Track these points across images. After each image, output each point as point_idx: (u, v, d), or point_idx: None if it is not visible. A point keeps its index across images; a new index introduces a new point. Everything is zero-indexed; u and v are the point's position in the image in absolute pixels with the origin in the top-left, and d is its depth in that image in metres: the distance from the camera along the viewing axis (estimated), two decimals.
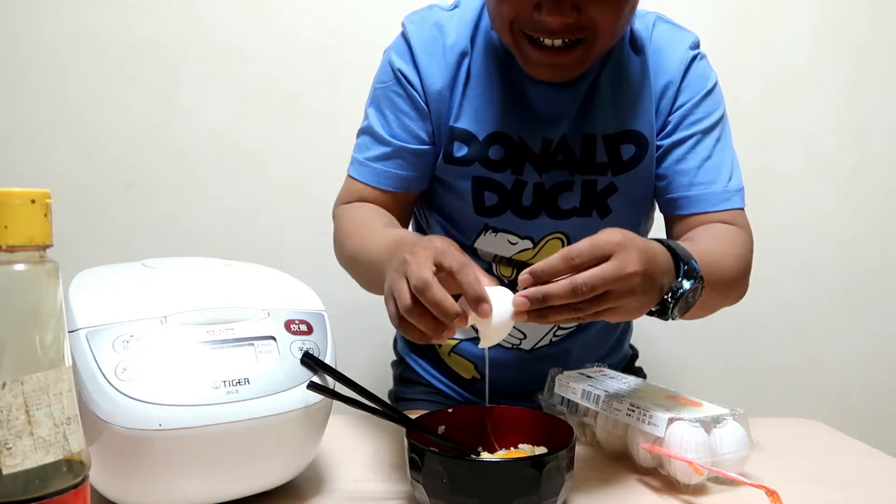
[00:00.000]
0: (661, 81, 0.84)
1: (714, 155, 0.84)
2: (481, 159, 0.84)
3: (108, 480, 0.55)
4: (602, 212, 0.86)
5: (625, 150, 0.83)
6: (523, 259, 0.89)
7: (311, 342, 0.60)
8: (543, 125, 0.83)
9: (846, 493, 0.64)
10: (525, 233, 0.87)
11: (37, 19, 1.39)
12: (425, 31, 0.85)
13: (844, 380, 1.52)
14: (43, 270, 0.38)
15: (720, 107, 0.86)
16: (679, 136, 0.84)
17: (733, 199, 0.83)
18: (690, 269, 0.65)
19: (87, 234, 1.39)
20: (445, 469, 0.54)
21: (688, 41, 0.86)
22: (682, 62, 0.84)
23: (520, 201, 0.86)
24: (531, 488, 0.53)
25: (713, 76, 0.86)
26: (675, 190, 0.84)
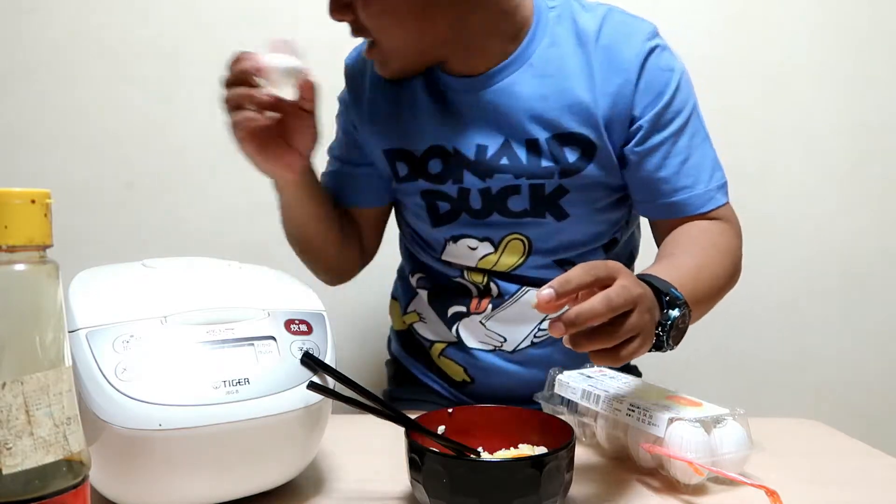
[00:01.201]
0: (615, 80, 0.80)
1: (692, 155, 0.81)
2: (423, 174, 0.87)
3: (108, 480, 0.55)
4: (557, 214, 0.85)
5: (569, 154, 0.82)
6: (488, 266, 0.89)
7: (311, 342, 0.60)
8: (474, 131, 0.83)
9: (846, 493, 0.64)
10: (483, 234, 0.88)
11: (37, 19, 1.39)
12: (353, 65, 0.93)
13: (844, 379, 1.52)
14: (43, 270, 0.38)
15: (689, 100, 0.83)
16: (653, 142, 0.81)
17: (716, 197, 0.82)
18: (672, 299, 0.64)
19: (87, 234, 1.39)
20: (445, 469, 0.54)
21: (643, 33, 0.81)
22: (638, 57, 0.79)
23: (469, 206, 0.87)
24: (531, 488, 0.53)
25: (676, 66, 0.82)
26: (658, 197, 0.83)
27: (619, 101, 0.80)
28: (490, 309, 0.91)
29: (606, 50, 0.80)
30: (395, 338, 1.09)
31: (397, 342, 1.07)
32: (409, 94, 0.87)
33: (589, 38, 0.80)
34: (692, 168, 0.81)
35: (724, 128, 1.43)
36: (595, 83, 0.80)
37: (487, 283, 0.90)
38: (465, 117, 0.84)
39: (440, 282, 0.94)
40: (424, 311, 0.98)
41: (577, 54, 0.81)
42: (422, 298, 0.97)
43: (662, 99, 0.80)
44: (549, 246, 0.87)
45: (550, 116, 0.81)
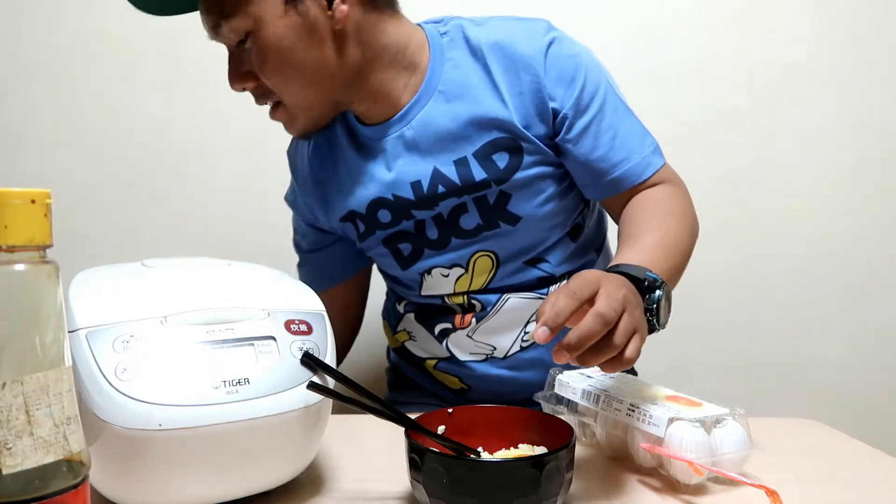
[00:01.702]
0: (523, 79, 0.82)
1: (619, 128, 0.84)
2: (377, 227, 0.90)
3: (108, 480, 0.55)
4: (509, 220, 0.87)
5: (498, 160, 0.84)
6: (463, 288, 0.91)
7: (311, 342, 0.60)
8: (403, 173, 0.86)
9: (846, 493, 0.64)
10: (450, 262, 0.90)
11: (37, 19, 1.39)
12: (291, 152, 1.00)
13: (844, 379, 1.52)
14: (43, 270, 0.38)
15: (601, 77, 0.85)
16: (579, 127, 0.83)
17: (653, 162, 0.84)
18: (651, 282, 0.66)
19: (87, 234, 1.39)
20: (445, 469, 0.54)
21: (538, 30, 0.84)
22: (539, 52, 0.82)
23: (427, 237, 0.89)
24: (531, 488, 0.53)
25: (580, 50, 0.84)
26: (600, 177, 0.85)
27: (533, 98, 0.82)
28: (474, 322, 0.92)
29: (503, 54, 0.82)
30: (391, 351, 1.10)
31: (395, 352, 1.08)
32: (339, 158, 0.90)
33: (484, 51, 0.83)
34: (623, 141, 0.84)
35: (725, 128, 1.44)
36: (501, 89, 0.82)
37: (468, 301, 0.92)
38: (392, 163, 0.87)
39: (424, 307, 0.97)
40: (414, 330, 0.99)
41: (476, 68, 0.84)
42: (409, 319, 0.99)
43: (576, 84, 0.82)
44: (515, 251, 0.89)
45: (469, 133, 0.84)
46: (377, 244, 0.93)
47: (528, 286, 0.91)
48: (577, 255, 0.93)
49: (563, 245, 0.91)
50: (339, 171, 0.91)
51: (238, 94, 1.41)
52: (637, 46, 1.42)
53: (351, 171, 0.90)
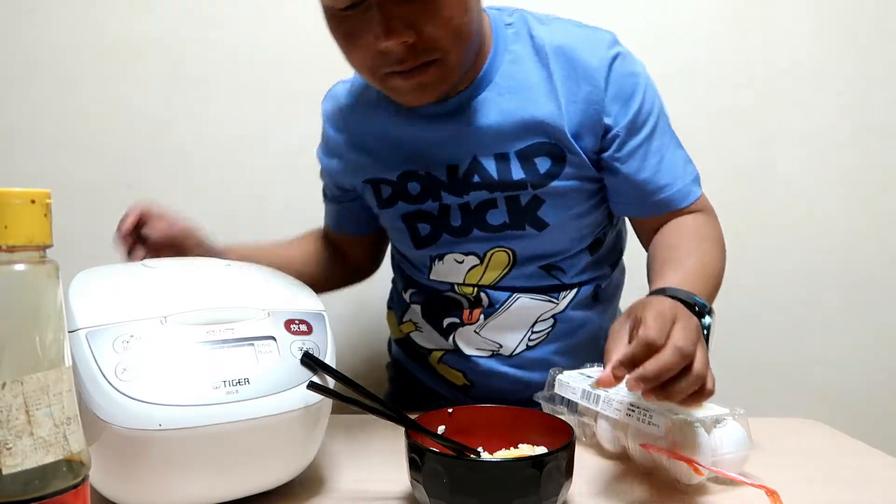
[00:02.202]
0: (582, 89, 0.81)
1: (666, 153, 0.84)
2: (403, 197, 0.89)
3: (108, 480, 0.55)
4: (536, 225, 0.86)
5: (540, 164, 0.83)
6: (475, 280, 0.90)
7: (311, 342, 0.60)
8: (443, 153, 0.85)
9: (846, 493, 0.64)
10: (467, 249, 0.89)
11: (37, 19, 1.39)
12: (330, 108, 0.97)
13: (844, 379, 1.52)
14: (43, 270, 0.38)
15: (656, 99, 0.86)
16: (630, 147, 0.83)
17: (693, 190, 0.85)
18: (700, 308, 0.67)
19: (87, 234, 1.39)
20: (445, 469, 0.54)
21: (604, 41, 0.83)
22: (602, 66, 0.81)
23: (449, 222, 0.88)
24: (531, 488, 0.53)
25: (641, 70, 0.85)
26: (640, 200, 0.85)
27: (588, 109, 0.81)
28: (482, 319, 0.91)
29: (566, 59, 0.81)
30: (394, 343, 1.09)
31: (397, 346, 1.07)
32: (380, 124, 0.89)
33: (547, 52, 0.82)
34: (668, 166, 0.84)
35: (725, 129, 1.44)
36: (558, 94, 0.81)
37: (477, 293, 0.91)
38: (433, 142, 0.85)
39: (432, 296, 0.95)
40: (420, 322, 0.98)
41: (537, 68, 0.82)
42: (416, 311, 0.98)
43: (634, 104, 0.82)
44: (534, 255, 0.89)
45: (517, 131, 0.82)
46: (396, 217, 0.92)
47: (540, 290, 0.90)
48: (591, 267, 0.92)
49: (581, 257, 0.91)
50: (377, 136, 0.89)
51: (238, 93, 1.42)
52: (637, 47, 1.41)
53: (390, 139, 0.88)
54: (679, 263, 0.77)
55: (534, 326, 0.91)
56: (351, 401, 0.59)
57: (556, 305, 0.91)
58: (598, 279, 0.93)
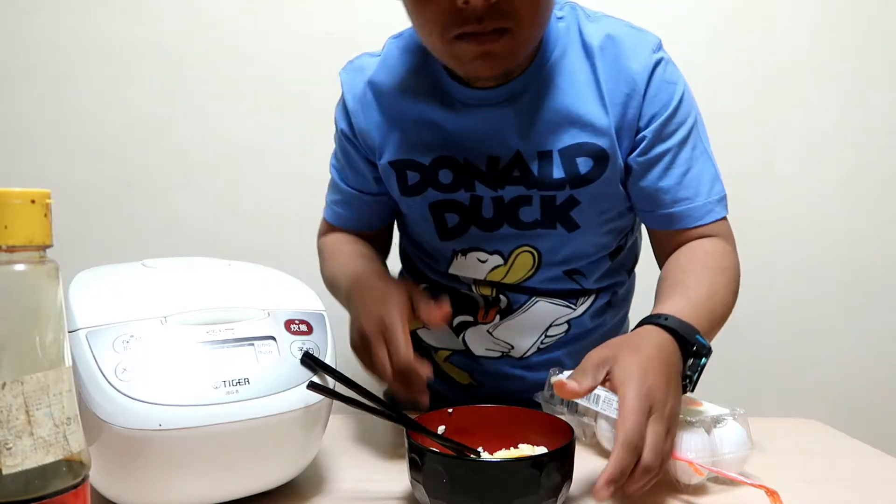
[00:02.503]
0: (623, 91, 0.80)
1: (693, 166, 0.82)
2: (433, 184, 0.85)
3: (108, 480, 0.55)
4: (568, 225, 0.84)
5: (581, 164, 0.81)
6: (497, 278, 0.88)
7: (311, 342, 0.60)
8: (485, 143, 0.82)
9: (846, 493, 0.64)
10: (492, 247, 0.87)
11: (37, 19, 1.39)
12: (355, 82, 0.89)
13: (844, 379, 1.52)
14: (43, 270, 0.38)
15: (692, 111, 0.84)
16: (655, 152, 0.81)
17: (716, 209, 0.82)
18: (699, 347, 0.66)
19: (87, 234, 1.39)
20: (445, 469, 0.54)
21: (649, 45, 0.81)
22: (645, 69, 0.80)
23: (480, 214, 0.86)
24: (531, 488, 0.53)
25: (680, 79, 0.83)
26: (658, 208, 0.83)
27: (627, 112, 0.80)
28: (498, 319, 0.90)
29: (613, 62, 0.80)
30: None
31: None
32: (414, 107, 0.85)
33: (595, 51, 0.80)
34: (693, 180, 0.81)
35: (725, 130, 1.43)
36: (603, 94, 0.80)
37: (496, 295, 0.89)
38: (476, 131, 0.82)
39: (445, 293, 0.92)
40: None
41: (584, 66, 0.81)
42: None
43: (667, 110, 0.80)
44: (559, 258, 0.87)
45: (562, 128, 0.80)
46: (422, 206, 0.87)
47: (560, 294, 0.89)
48: (610, 273, 0.92)
49: (602, 262, 0.90)
50: (414, 117, 0.85)
51: (237, 93, 1.42)
52: None
53: (427, 123, 0.84)
54: (687, 290, 0.75)
55: (548, 330, 0.90)
56: (351, 401, 0.59)
57: (574, 311, 0.90)
58: (615, 285, 0.93)
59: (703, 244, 0.81)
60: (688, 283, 0.76)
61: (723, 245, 0.82)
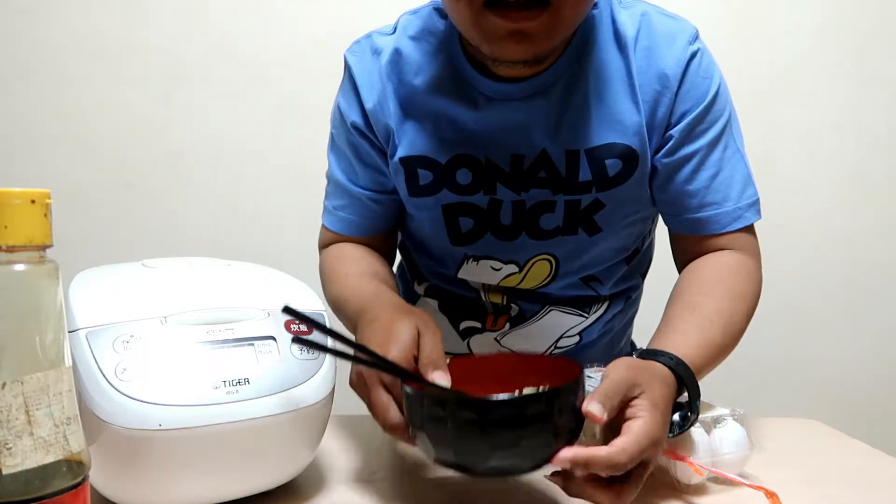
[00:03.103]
0: (655, 86, 0.74)
1: (724, 168, 0.76)
2: (449, 185, 0.78)
3: (108, 480, 0.55)
4: (590, 229, 0.79)
5: (610, 166, 0.75)
6: (511, 284, 0.83)
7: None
8: (510, 141, 0.75)
9: (846, 493, 0.64)
10: (508, 257, 0.81)
11: (37, 19, 1.39)
12: (366, 63, 0.79)
13: (845, 379, 1.52)
14: (43, 270, 0.38)
15: (726, 108, 0.77)
16: (684, 153, 0.75)
17: (745, 215, 0.76)
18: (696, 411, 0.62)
19: (87, 234, 1.39)
20: (448, 411, 0.51)
21: (685, 35, 0.75)
22: (680, 62, 0.73)
23: (498, 220, 0.79)
24: (542, 426, 0.51)
25: (716, 73, 0.76)
26: (684, 212, 0.77)
27: (658, 109, 0.74)
28: (508, 327, 0.87)
29: (647, 54, 0.74)
30: None
31: None
32: (432, 98, 0.77)
33: (628, 41, 0.74)
34: (723, 182, 0.75)
35: None
36: (636, 89, 0.74)
37: (507, 302, 0.85)
38: (499, 126, 0.75)
39: (452, 298, 0.88)
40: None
41: (617, 58, 0.74)
42: (430, 306, 0.91)
43: (698, 107, 0.74)
44: (577, 265, 0.82)
45: (591, 126, 0.74)
46: (434, 208, 0.80)
47: (574, 302, 0.86)
48: (625, 278, 0.88)
49: (619, 267, 0.86)
50: (431, 108, 0.77)
51: (237, 93, 1.42)
52: None
53: (446, 116, 0.76)
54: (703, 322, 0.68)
55: (558, 341, 0.87)
56: (340, 354, 0.55)
57: (586, 319, 0.87)
58: (629, 290, 0.90)
59: (729, 261, 0.75)
60: (704, 313, 0.69)
61: (748, 263, 0.76)
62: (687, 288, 0.74)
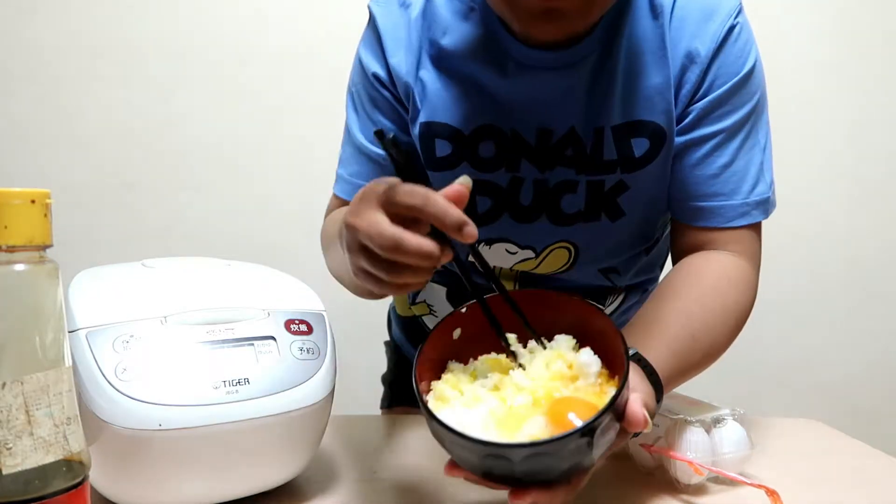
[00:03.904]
0: (684, 60, 0.69)
1: (738, 159, 0.71)
2: (470, 158, 0.73)
3: (108, 480, 0.55)
4: (613, 214, 0.75)
5: (637, 146, 0.70)
6: (526, 269, 0.80)
7: (311, 342, 0.60)
8: (539, 112, 0.71)
9: (846, 493, 0.64)
10: (525, 242, 0.77)
11: (37, 19, 1.39)
12: (392, 16, 0.74)
13: (845, 379, 1.52)
14: (43, 270, 0.38)
15: (755, 95, 0.71)
16: (700, 133, 0.70)
17: (752, 212, 0.71)
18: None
19: (87, 234, 1.39)
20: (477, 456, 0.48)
21: (724, 10, 0.69)
22: (715, 36, 0.68)
23: (518, 200, 0.75)
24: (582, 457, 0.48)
25: (753, 54, 0.70)
26: (687, 198, 0.73)
27: (684, 84, 0.70)
28: None
29: (680, 25, 0.69)
30: (396, 322, 0.99)
31: (399, 327, 0.98)
32: (461, 63, 0.72)
33: (665, 9, 0.69)
34: (734, 174, 0.71)
35: None
36: (668, 63, 0.69)
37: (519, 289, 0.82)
38: (528, 96, 0.70)
39: (462, 286, 0.81)
40: (438, 306, 0.88)
41: (651, 28, 0.69)
42: (437, 293, 0.88)
43: (724, 87, 0.69)
44: (597, 253, 0.79)
45: (620, 102, 0.70)
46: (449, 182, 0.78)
47: (590, 293, 0.82)
48: (644, 270, 0.84)
49: (638, 258, 0.82)
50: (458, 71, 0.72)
51: (237, 93, 1.42)
52: None
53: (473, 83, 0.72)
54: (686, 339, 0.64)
55: None
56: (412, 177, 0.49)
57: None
58: (646, 282, 0.86)
59: (730, 271, 0.70)
60: (695, 325, 0.65)
61: (748, 274, 0.71)
62: (685, 289, 0.69)
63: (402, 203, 0.48)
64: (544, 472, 0.48)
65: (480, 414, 0.51)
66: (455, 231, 0.48)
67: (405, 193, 0.48)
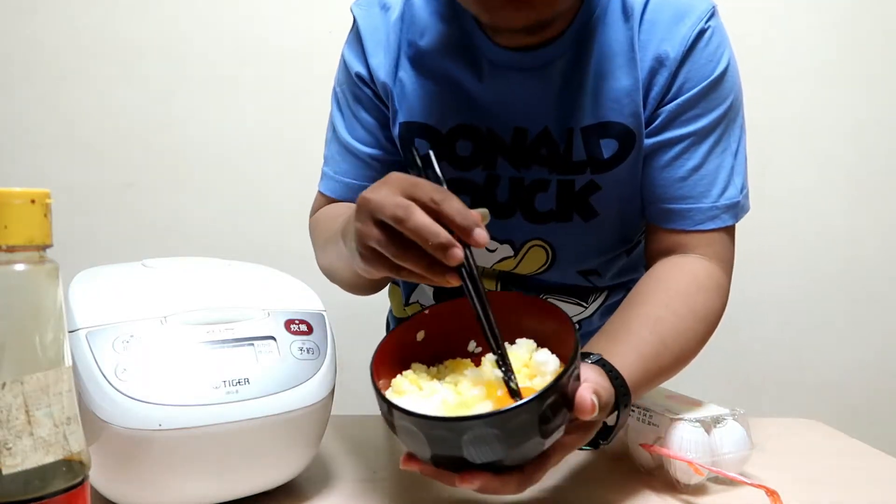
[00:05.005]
0: (653, 62, 0.69)
1: (708, 162, 0.71)
2: (448, 157, 0.74)
3: (108, 480, 0.55)
4: (585, 214, 0.76)
5: (605, 147, 0.71)
6: (506, 268, 0.81)
7: (311, 342, 0.60)
8: (514, 112, 0.72)
9: (846, 493, 0.64)
10: (503, 235, 0.78)
11: (37, 19, 1.39)
12: (373, 18, 0.76)
13: (844, 379, 1.52)
14: (43, 270, 0.38)
15: (728, 99, 0.72)
16: (668, 136, 0.70)
17: (721, 217, 0.71)
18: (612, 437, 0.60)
19: (87, 234, 1.39)
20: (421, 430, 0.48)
21: (697, 9, 0.69)
22: (685, 39, 0.68)
23: (494, 197, 0.76)
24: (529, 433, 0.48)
25: (724, 57, 0.71)
26: (657, 200, 0.73)
27: (652, 87, 0.70)
28: None
29: (650, 28, 0.69)
30: (394, 324, 1.02)
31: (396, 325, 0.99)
32: (439, 63, 0.73)
33: (635, 12, 0.69)
34: (703, 178, 0.71)
35: None
36: (638, 65, 0.69)
37: (501, 290, 0.84)
38: (503, 96, 0.72)
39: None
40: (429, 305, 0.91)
41: (622, 31, 0.70)
42: (426, 293, 0.90)
43: (693, 90, 0.69)
44: (574, 253, 0.80)
45: (589, 103, 0.71)
46: None
47: (572, 292, 0.83)
48: (627, 270, 0.85)
49: (618, 259, 0.83)
50: (435, 70, 0.73)
51: (237, 93, 1.42)
52: None
53: (450, 82, 0.73)
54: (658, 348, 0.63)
55: None
56: None
57: (585, 310, 0.85)
58: (629, 282, 0.85)
59: (700, 276, 0.70)
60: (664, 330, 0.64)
61: (719, 279, 0.71)
62: (653, 294, 0.68)
63: (426, 192, 0.50)
64: (493, 454, 0.48)
65: (434, 403, 0.52)
66: (467, 232, 0.50)
67: (432, 186, 0.51)
